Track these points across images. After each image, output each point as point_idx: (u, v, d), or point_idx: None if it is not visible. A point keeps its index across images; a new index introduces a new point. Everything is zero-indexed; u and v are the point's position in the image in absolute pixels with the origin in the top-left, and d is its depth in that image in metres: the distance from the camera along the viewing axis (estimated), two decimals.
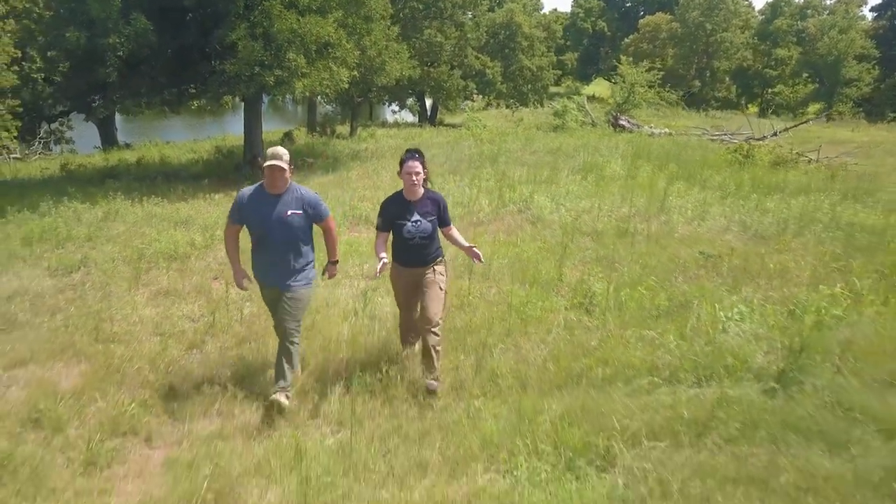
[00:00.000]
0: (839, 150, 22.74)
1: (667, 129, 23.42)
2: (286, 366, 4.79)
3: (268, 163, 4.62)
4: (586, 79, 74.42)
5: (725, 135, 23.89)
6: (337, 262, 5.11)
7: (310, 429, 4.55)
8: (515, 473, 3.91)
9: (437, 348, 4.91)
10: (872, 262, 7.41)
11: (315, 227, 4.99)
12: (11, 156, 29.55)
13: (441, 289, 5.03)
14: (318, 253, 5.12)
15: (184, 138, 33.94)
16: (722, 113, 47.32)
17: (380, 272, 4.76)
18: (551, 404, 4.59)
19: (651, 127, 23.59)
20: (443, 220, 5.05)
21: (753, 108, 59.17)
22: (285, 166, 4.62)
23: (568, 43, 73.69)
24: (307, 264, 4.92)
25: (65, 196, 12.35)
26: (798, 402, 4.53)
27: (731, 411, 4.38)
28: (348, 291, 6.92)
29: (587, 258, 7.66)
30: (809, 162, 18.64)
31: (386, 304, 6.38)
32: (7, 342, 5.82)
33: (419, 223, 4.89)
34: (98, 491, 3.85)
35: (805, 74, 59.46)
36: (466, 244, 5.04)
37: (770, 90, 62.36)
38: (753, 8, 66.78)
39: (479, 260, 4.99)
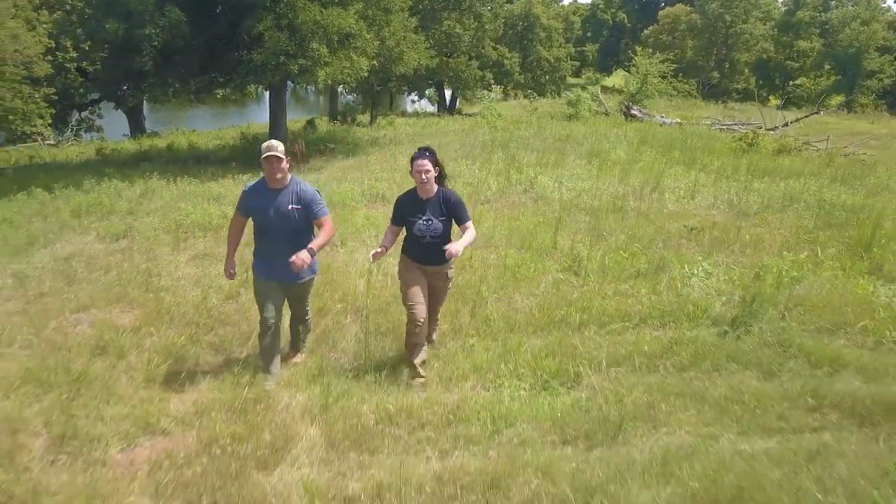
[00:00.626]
0: (855, 141, 23.22)
1: (678, 119, 23.98)
2: (302, 337, 5.42)
3: (263, 155, 4.67)
4: (607, 70, 74.55)
5: (736, 124, 24.40)
6: (313, 251, 4.68)
7: (329, 358, 5.40)
8: (499, 389, 4.74)
9: (434, 337, 5.44)
10: (841, 236, 8.13)
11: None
12: (46, 142, 30.70)
13: (445, 294, 5.31)
14: (323, 262, 5.67)
15: (208, 127, 35.06)
16: (741, 105, 47.40)
17: (374, 259, 4.90)
18: (534, 341, 5.42)
19: (662, 116, 24.18)
20: (459, 219, 4.89)
21: (775, 101, 59.01)
22: (281, 156, 4.67)
23: (588, 34, 74.00)
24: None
25: (104, 176, 13.40)
26: (744, 341, 5.33)
27: (684, 346, 5.19)
28: (364, 256, 7.75)
29: (581, 229, 8.44)
30: (817, 151, 19.20)
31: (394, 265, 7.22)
32: (70, 292, 6.76)
33: (430, 222, 4.83)
34: (158, 399, 4.73)
35: (827, 66, 59.11)
36: (462, 242, 4.66)
37: (792, 82, 62.10)
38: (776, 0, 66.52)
39: (449, 255, 4.59)
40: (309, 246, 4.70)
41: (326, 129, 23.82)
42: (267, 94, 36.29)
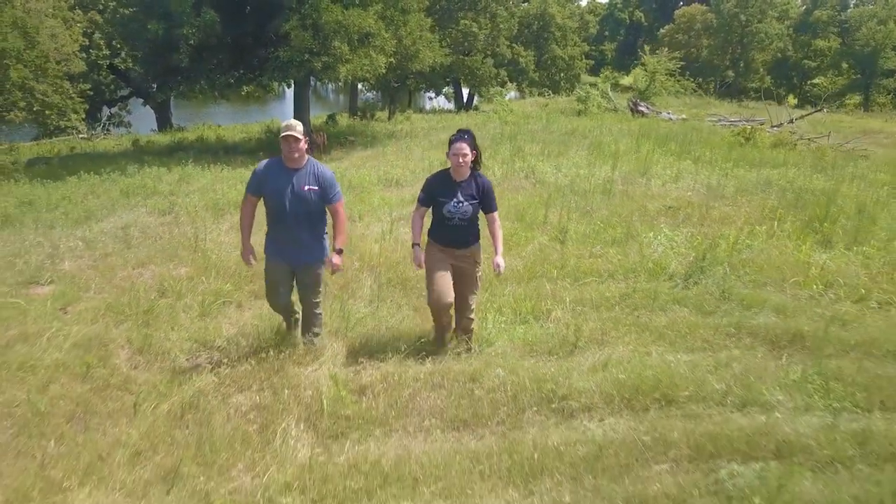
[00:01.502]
0: (859, 138, 24.01)
1: (683, 116, 24.93)
2: (314, 329, 5.27)
3: (283, 134, 4.67)
4: (625, 69, 75.16)
5: (740, 121, 25.25)
6: (342, 251, 4.96)
7: (348, 304, 6.57)
8: (485, 321, 5.88)
9: (471, 329, 5.32)
10: (801, 214, 9.17)
11: None
12: (80, 136, 32.25)
13: (477, 280, 5.21)
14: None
15: (230, 123, 36.48)
16: (756, 103, 47.96)
17: (420, 264, 5.01)
18: (516, 288, 6.56)
19: (669, 113, 25.13)
20: (487, 206, 5.00)
21: (793, 99, 59.39)
22: (300, 136, 4.67)
23: (606, 33, 74.77)
24: (321, 240, 5.00)
25: (144, 163, 14.73)
26: (691, 290, 6.45)
27: (639, 293, 6.31)
28: (378, 227, 8.93)
29: (570, 207, 9.55)
30: (811, 145, 20.07)
31: (407, 231, 8.39)
32: (130, 253, 8.02)
33: (460, 204, 4.86)
34: (212, 327, 5.93)
35: (845, 65, 59.32)
36: (499, 251, 4.99)
37: (810, 81, 62.38)
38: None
39: (499, 271, 4.99)
40: (337, 247, 4.90)
41: (347, 124, 25.09)
42: (288, 91, 37.80)
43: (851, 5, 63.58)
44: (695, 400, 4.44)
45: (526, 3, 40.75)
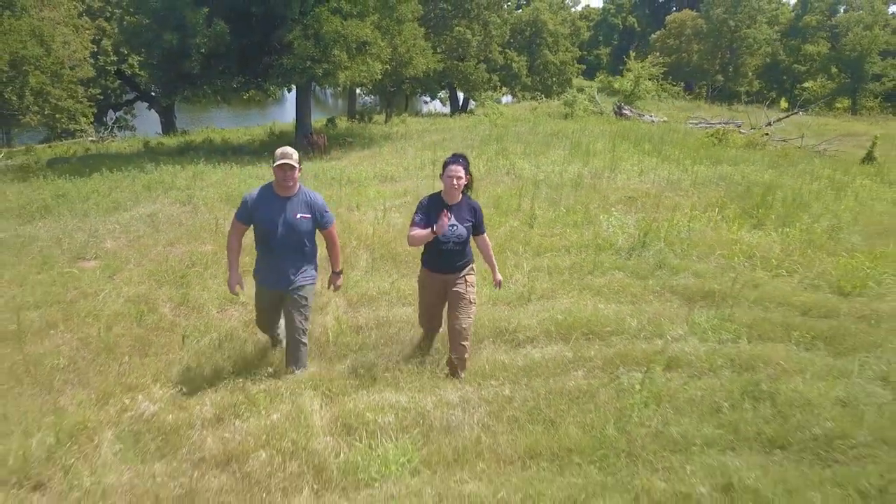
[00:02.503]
0: (849, 141, 25.38)
1: (664, 118, 26.30)
2: (300, 362, 5.09)
3: (278, 162, 4.62)
4: (619, 73, 76.67)
5: (719, 123, 26.62)
6: (341, 272, 5.18)
7: (348, 272, 7.87)
8: None
9: (465, 356, 5.08)
10: (743, 203, 10.50)
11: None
12: (90, 139, 33.56)
13: (471, 302, 5.05)
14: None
15: (231, 126, 37.83)
16: (746, 107, 49.32)
17: (439, 227, 4.68)
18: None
19: (651, 115, 26.49)
20: (477, 228, 5.07)
21: (784, 103, 60.72)
22: (296, 165, 4.64)
23: (600, 38, 76.30)
24: (310, 265, 5.01)
25: (159, 162, 16.04)
26: (631, 260, 7.77)
27: (587, 262, 7.63)
28: (373, 214, 10.23)
29: (542, 198, 10.87)
30: (777, 145, 21.45)
31: (398, 217, 9.72)
32: (160, 235, 9.34)
33: (455, 227, 4.87)
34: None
35: (834, 70, 60.58)
36: (495, 266, 5.32)
37: (800, 86, 63.71)
38: (786, 4, 68.30)
39: (499, 286, 5.43)
40: (335, 270, 5.14)
41: (345, 126, 26.46)
42: (286, 96, 39.09)
43: (841, 11, 64.88)
44: (614, 334, 5.78)
45: (519, 11, 42.17)
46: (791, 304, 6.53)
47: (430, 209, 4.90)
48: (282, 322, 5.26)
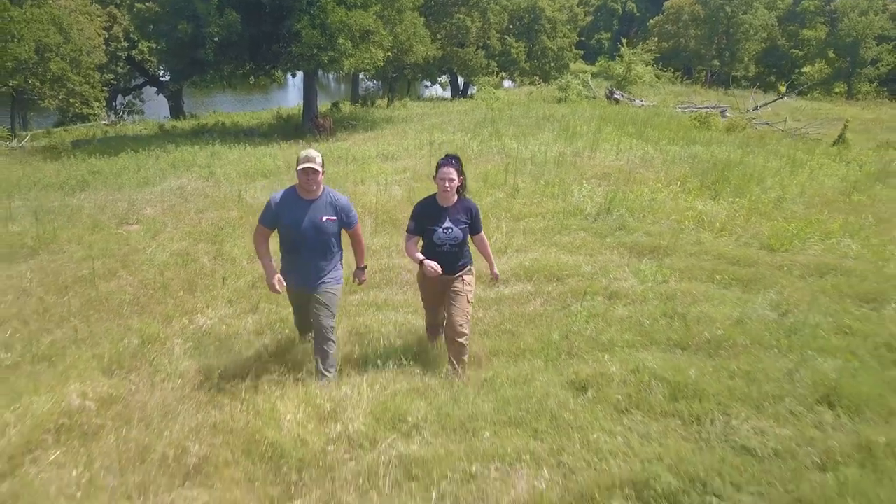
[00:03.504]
0: (840, 125, 26.44)
1: (654, 103, 27.52)
2: (328, 362, 4.96)
3: (301, 165, 4.61)
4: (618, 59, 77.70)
5: (707, 107, 27.83)
6: (365, 267, 5.25)
7: None
8: None
9: (463, 356, 5.09)
10: (704, 178, 11.81)
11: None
12: (102, 122, 34.81)
13: (468, 301, 5.08)
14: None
15: (235, 110, 39.08)
16: (743, 91, 50.32)
17: (434, 268, 4.80)
18: None
19: (641, 100, 27.71)
20: (474, 228, 5.10)
21: (783, 88, 61.54)
22: (319, 168, 4.63)
23: (600, 23, 77.15)
24: (336, 266, 5.01)
25: (178, 143, 17.37)
26: (597, 224, 9.13)
27: (558, 225, 8.99)
28: (375, 187, 11.56)
29: (526, 173, 12.20)
30: (758, 129, 22.70)
31: (398, 190, 11.07)
32: (190, 204, 10.71)
33: (450, 230, 4.90)
34: None
35: (832, 54, 61.28)
36: (492, 261, 5.38)
37: (797, 70, 64.54)
38: None
39: (495, 279, 5.57)
40: (360, 266, 5.23)
41: (349, 110, 27.74)
42: (290, 81, 40.23)
43: None
44: (570, 276, 7.15)
45: None
46: (723, 256, 7.88)
47: (423, 215, 4.96)
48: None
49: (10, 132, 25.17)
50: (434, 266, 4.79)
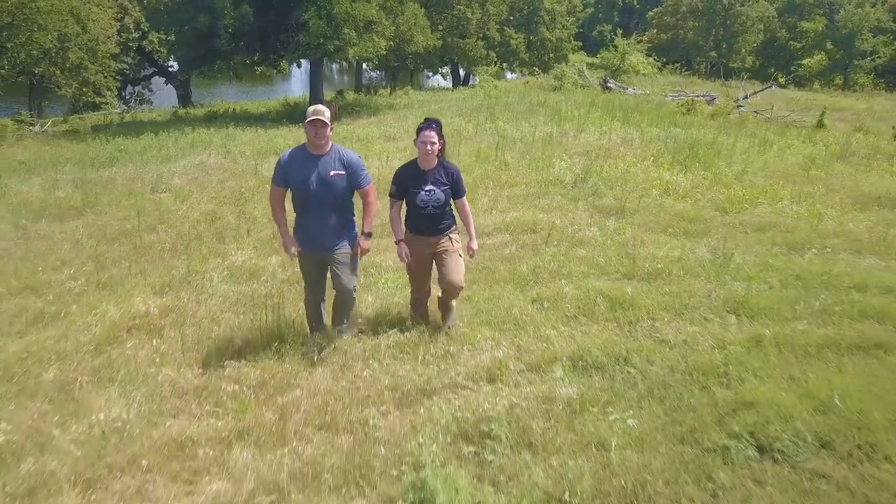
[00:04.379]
0: (833, 115, 27.43)
1: (647, 91, 28.66)
2: (346, 318, 5.23)
3: (309, 118, 4.63)
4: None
5: (697, 96, 28.95)
6: (370, 234, 5.07)
7: None
8: None
9: (453, 304, 5.47)
10: (677, 155, 12.99)
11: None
12: (115, 110, 35.99)
13: (460, 255, 5.22)
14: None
15: (241, 99, 40.27)
16: (739, 82, 51.32)
17: (406, 258, 5.12)
18: None
19: (633, 88, 28.85)
20: (456, 192, 5.15)
21: (781, 79, 62.42)
22: (327, 121, 4.66)
23: (600, 15, 78.17)
24: (350, 225, 5.02)
25: (194, 127, 18.61)
26: (573, 190, 10.33)
27: (541, 192, 10.20)
28: (377, 162, 12.75)
29: (515, 150, 13.40)
30: (742, 113, 23.85)
31: (398, 163, 12.26)
32: (212, 176, 11.95)
33: (432, 192, 4.98)
34: None
35: (830, 46, 62.02)
36: (472, 235, 5.30)
37: (796, 62, 65.31)
38: None
39: (471, 255, 5.34)
40: (364, 232, 4.99)
41: (353, 98, 28.94)
42: (293, 72, 41.35)
43: None
44: (543, 229, 8.35)
45: None
46: (679, 215, 9.08)
47: (405, 178, 5.08)
48: (326, 321, 5.32)
49: (34, 117, 26.34)
50: (406, 253, 5.08)
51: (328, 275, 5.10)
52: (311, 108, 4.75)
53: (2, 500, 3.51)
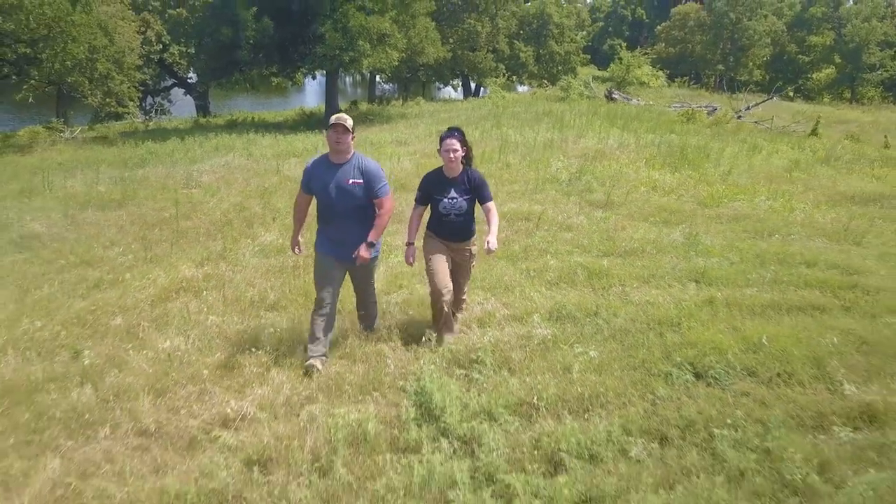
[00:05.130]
0: (838, 127, 28.18)
1: (651, 102, 29.62)
2: (369, 323, 5.48)
3: (331, 123, 4.70)
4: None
5: (699, 107, 29.86)
6: (372, 244, 4.87)
7: None
8: None
9: (463, 306, 5.78)
10: (668, 158, 13.92)
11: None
12: (137, 120, 37.23)
13: (470, 268, 5.54)
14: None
15: (257, 110, 41.57)
16: (747, 95, 52.10)
17: (411, 261, 5.32)
18: None
19: (637, 99, 29.82)
20: (482, 197, 5.20)
21: (790, 92, 63.18)
22: (349, 127, 4.68)
23: (610, 29, 79.36)
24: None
25: (217, 134, 19.75)
26: (568, 187, 11.30)
27: (538, 188, 11.17)
28: (389, 162, 13.76)
29: (518, 153, 14.38)
30: (756, 124, 24.75)
31: (408, 163, 13.29)
32: (238, 174, 12.99)
33: (455, 200, 5.06)
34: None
35: (838, 60, 62.71)
36: (493, 232, 4.98)
37: (805, 76, 66.05)
38: None
39: (488, 251, 4.90)
40: (368, 240, 4.82)
41: (367, 108, 30.10)
42: (307, 84, 42.66)
43: (851, 2, 67.04)
44: (536, 217, 9.31)
45: (528, 4, 45.50)
46: (662, 207, 10.01)
47: (429, 185, 5.16)
48: (326, 339, 5.13)
49: (64, 124, 27.64)
50: (413, 256, 5.30)
51: (344, 280, 5.18)
52: (333, 116, 4.76)
53: (96, 402, 4.51)
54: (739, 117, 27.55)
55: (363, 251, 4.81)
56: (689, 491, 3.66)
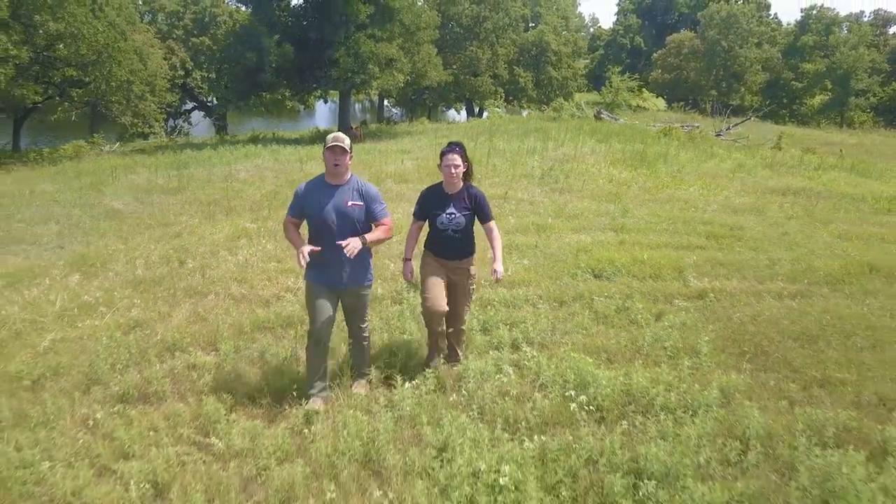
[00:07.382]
0: (824, 147, 30.34)
1: (636, 122, 32.27)
2: (362, 360, 5.08)
3: (329, 144, 4.52)
4: (629, 90, 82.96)
5: (684, 126, 32.45)
6: (366, 240, 4.49)
7: None
8: None
9: (462, 338, 5.42)
10: (630, 161, 16.45)
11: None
12: (163, 139, 39.90)
13: (469, 291, 5.23)
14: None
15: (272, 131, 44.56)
16: (736, 118, 54.63)
17: (409, 278, 5.17)
18: None
19: (623, 119, 32.47)
20: (482, 216, 5.05)
21: (785, 117, 65.84)
22: (346, 148, 4.52)
23: (610, 56, 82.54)
24: (367, 265, 4.80)
25: (242, 146, 22.46)
26: (547, 177, 13.83)
27: (516, 180, 13.72)
28: (393, 164, 16.30)
29: (502, 158, 16.94)
30: (735, 142, 27.27)
31: (410, 164, 15.87)
32: (267, 173, 15.60)
33: (453, 216, 4.93)
34: None
35: (830, 86, 65.36)
36: (497, 258, 4.90)
37: (798, 101, 68.74)
38: (780, 24, 74.16)
39: (496, 280, 4.91)
40: (362, 235, 4.51)
41: (375, 127, 32.91)
42: (318, 109, 45.61)
43: (844, 31, 69.80)
44: (504, 195, 11.81)
45: (527, 33, 48.54)
46: (610, 192, 12.53)
47: (428, 200, 5.01)
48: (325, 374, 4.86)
49: (103, 139, 30.52)
50: (411, 272, 5.11)
51: (337, 308, 4.81)
52: (330, 136, 4.60)
53: (202, 283, 7.03)
54: (719, 135, 30.13)
55: (353, 241, 4.36)
56: (569, 319, 6.15)
